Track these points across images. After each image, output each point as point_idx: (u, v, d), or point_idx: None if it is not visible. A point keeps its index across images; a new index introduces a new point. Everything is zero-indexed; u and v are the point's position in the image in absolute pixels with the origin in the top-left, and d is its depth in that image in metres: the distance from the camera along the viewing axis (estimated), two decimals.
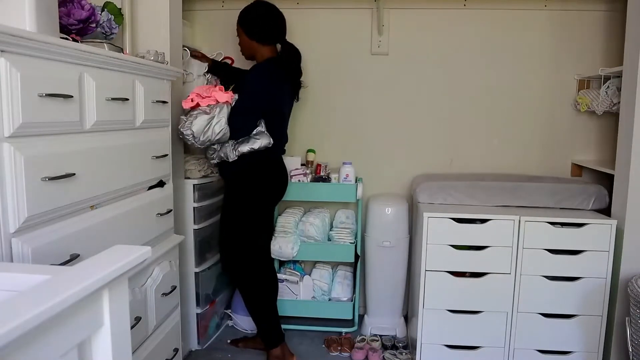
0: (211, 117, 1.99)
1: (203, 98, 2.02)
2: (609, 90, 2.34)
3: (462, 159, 2.72)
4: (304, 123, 2.75)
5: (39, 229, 1.19)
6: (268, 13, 2.22)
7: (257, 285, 2.27)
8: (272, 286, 2.35)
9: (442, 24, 2.64)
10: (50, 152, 1.21)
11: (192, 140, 2.01)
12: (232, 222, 2.24)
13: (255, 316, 2.30)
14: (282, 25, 2.27)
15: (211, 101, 2.01)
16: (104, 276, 0.75)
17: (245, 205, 2.21)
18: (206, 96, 2.02)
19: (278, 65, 2.21)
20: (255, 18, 2.21)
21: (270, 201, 2.33)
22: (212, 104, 2.01)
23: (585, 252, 2.09)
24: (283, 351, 2.26)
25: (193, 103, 2.01)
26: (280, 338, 2.27)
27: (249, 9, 2.23)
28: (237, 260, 2.27)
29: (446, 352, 2.20)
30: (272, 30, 2.23)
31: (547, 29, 2.59)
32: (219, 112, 2.01)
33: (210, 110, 2.00)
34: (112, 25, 1.73)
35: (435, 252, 2.15)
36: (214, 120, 1.99)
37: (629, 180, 2.01)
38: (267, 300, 2.28)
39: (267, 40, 2.24)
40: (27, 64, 1.12)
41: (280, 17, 2.25)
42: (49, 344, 0.68)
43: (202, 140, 2.01)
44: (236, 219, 2.22)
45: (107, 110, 1.45)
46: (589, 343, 2.13)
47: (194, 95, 2.03)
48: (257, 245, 2.29)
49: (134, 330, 1.47)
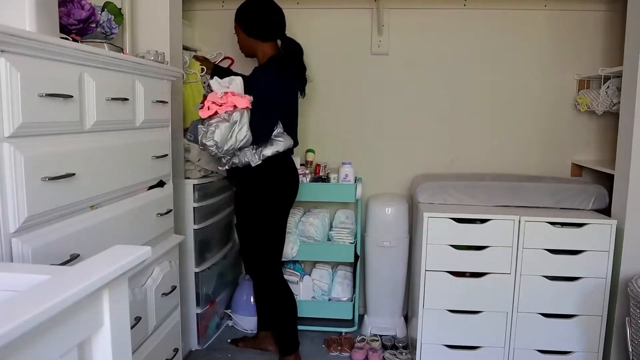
0: (232, 123, 1.88)
1: (220, 105, 1.89)
2: (609, 90, 2.34)
3: (462, 159, 2.72)
4: (303, 123, 2.73)
5: (39, 229, 1.19)
6: (265, 9, 2.15)
7: (278, 290, 2.23)
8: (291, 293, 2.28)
9: (442, 24, 2.64)
10: (50, 152, 1.21)
11: (216, 150, 1.90)
12: (252, 228, 2.18)
13: (275, 320, 2.28)
14: (281, 20, 2.18)
15: (229, 107, 1.88)
16: (104, 276, 0.75)
17: (264, 209, 2.13)
18: (222, 103, 1.89)
19: (282, 64, 2.13)
20: (253, 14, 2.14)
21: (287, 203, 2.22)
22: (229, 110, 1.88)
23: (585, 252, 2.09)
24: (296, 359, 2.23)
25: (211, 111, 1.88)
26: (296, 346, 2.24)
27: (246, 6, 2.17)
28: (260, 266, 2.22)
29: (446, 352, 2.20)
30: (270, 26, 2.15)
31: (547, 29, 2.59)
32: (240, 118, 1.89)
33: (229, 117, 1.88)
34: (112, 25, 1.73)
35: (435, 252, 2.15)
36: (236, 127, 1.89)
37: (629, 180, 2.01)
38: (288, 305, 2.24)
39: (267, 37, 2.16)
40: (27, 64, 1.12)
41: (278, 12, 2.17)
42: (49, 344, 0.68)
43: (226, 149, 1.91)
44: (256, 224, 2.15)
45: (107, 110, 1.44)
46: (589, 343, 2.13)
47: (210, 103, 1.90)
48: (279, 248, 2.23)
49: (134, 330, 1.47)
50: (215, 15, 2.72)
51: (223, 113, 1.88)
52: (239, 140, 1.91)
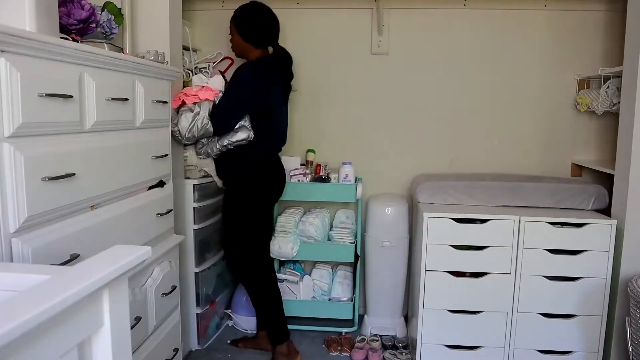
0: (195, 113, 2.07)
1: (188, 96, 2.09)
2: (609, 90, 2.34)
3: (462, 159, 2.72)
4: (303, 123, 2.75)
5: (39, 229, 1.19)
6: (262, 16, 2.23)
7: (261, 283, 2.29)
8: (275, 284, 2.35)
9: (442, 24, 2.64)
10: (50, 152, 1.21)
11: (179, 136, 2.09)
12: (232, 222, 2.27)
13: (261, 313, 2.33)
14: (275, 28, 2.27)
15: (195, 99, 2.08)
16: (104, 276, 0.75)
17: (243, 205, 2.23)
18: (192, 94, 2.09)
19: (267, 64, 2.22)
20: (249, 20, 2.21)
21: (268, 200, 2.34)
22: (197, 101, 2.09)
23: (585, 252, 2.09)
24: (289, 348, 2.27)
25: (179, 101, 2.10)
26: (286, 335, 2.28)
27: (243, 10, 2.23)
28: (240, 259, 2.29)
29: (446, 352, 2.20)
30: (264, 33, 2.24)
31: (547, 29, 2.59)
32: (202, 109, 2.09)
33: (194, 108, 2.08)
34: (112, 25, 1.73)
35: (435, 252, 2.15)
36: (198, 117, 2.07)
37: (629, 180, 2.01)
38: (272, 297, 2.29)
39: (259, 42, 2.25)
40: (27, 64, 1.12)
41: (273, 20, 2.25)
42: (49, 344, 0.68)
43: (188, 136, 2.09)
44: (236, 218, 2.25)
45: (107, 110, 1.45)
46: (589, 343, 2.13)
47: (182, 94, 2.11)
48: (258, 243, 2.31)
49: (134, 330, 1.47)
50: (215, 15, 2.72)
51: (190, 104, 2.08)
52: (199, 129, 2.08)
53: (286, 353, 2.25)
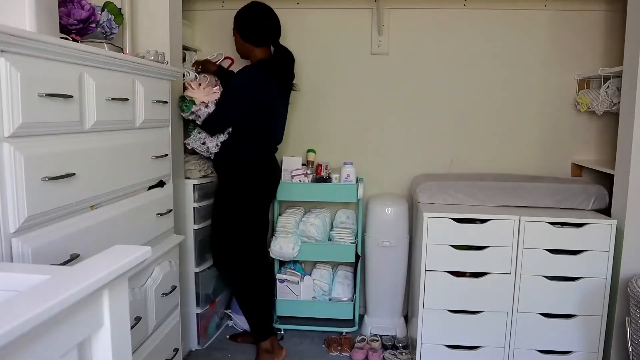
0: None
1: None
2: (609, 90, 2.34)
3: (462, 159, 2.72)
4: (304, 123, 2.75)
5: (39, 229, 1.19)
6: (262, 16, 2.23)
7: (245, 281, 2.29)
8: (264, 282, 2.37)
9: (442, 24, 2.64)
10: (50, 152, 1.21)
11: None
12: (221, 220, 2.28)
13: (245, 310, 2.34)
14: (276, 28, 2.28)
15: None
16: (104, 276, 0.75)
17: (234, 203, 2.24)
18: None
19: (267, 67, 2.23)
20: (249, 20, 2.22)
21: (261, 199, 2.32)
22: None
23: (585, 252, 2.09)
24: (272, 345, 2.28)
25: None
26: (270, 332, 2.30)
27: (244, 11, 2.24)
28: (226, 257, 2.30)
29: (446, 352, 2.20)
30: (265, 33, 2.25)
31: (547, 29, 2.59)
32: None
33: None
34: (112, 25, 1.73)
35: (435, 252, 2.15)
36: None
37: (629, 180, 2.01)
38: (257, 295, 2.30)
39: (260, 42, 2.26)
40: (27, 64, 1.12)
41: (274, 20, 2.26)
42: (49, 344, 0.68)
43: None
44: (225, 216, 2.26)
45: (107, 110, 1.44)
46: (589, 343, 2.13)
47: None
48: (247, 242, 2.29)
49: (134, 330, 1.47)
50: (215, 15, 2.72)
51: None
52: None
53: (270, 349, 2.27)
